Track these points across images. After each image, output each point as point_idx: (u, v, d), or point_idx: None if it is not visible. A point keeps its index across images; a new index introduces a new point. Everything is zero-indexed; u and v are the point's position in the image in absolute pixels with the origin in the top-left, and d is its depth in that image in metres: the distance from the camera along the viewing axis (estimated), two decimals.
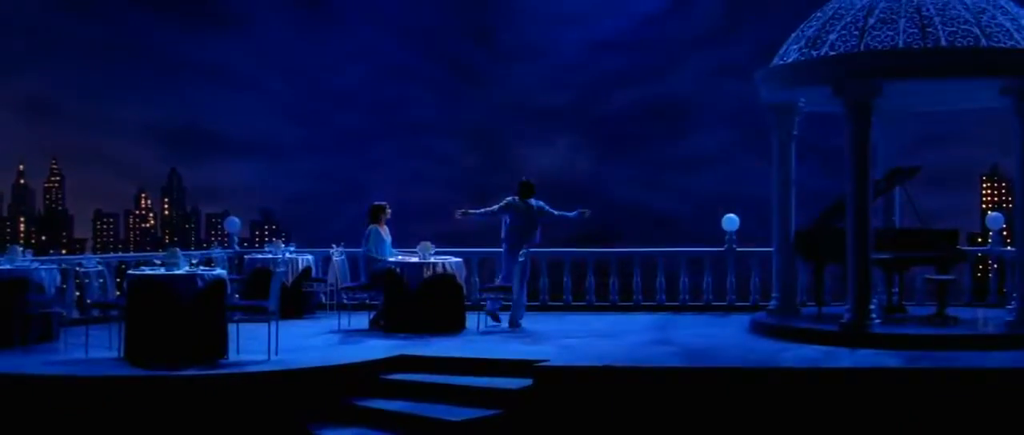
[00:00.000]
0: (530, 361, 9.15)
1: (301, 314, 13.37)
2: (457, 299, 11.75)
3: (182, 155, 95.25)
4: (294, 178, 55.15)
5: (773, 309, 11.92)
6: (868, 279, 10.44)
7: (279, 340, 10.02)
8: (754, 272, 13.98)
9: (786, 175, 11.89)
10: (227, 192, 73.71)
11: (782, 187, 11.90)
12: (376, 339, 11.01)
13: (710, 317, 13.16)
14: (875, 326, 10.30)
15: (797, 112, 11.83)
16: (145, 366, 9.02)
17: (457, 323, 11.66)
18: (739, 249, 13.99)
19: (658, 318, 13.07)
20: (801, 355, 9.52)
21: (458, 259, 12.02)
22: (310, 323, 12.72)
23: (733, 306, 13.89)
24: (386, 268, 11.71)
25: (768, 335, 10.93)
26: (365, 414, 8.74)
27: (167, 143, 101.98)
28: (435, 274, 11.57)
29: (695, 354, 9.73)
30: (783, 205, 11.90)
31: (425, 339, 10.80)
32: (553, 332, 11.62)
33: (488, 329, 11.78)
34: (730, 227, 14.02)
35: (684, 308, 13.94)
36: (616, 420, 8.62)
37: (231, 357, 9.51)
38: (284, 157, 56.54)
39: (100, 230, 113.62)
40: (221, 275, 9.52)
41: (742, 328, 11.68)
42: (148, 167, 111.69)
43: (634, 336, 11.24)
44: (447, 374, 9.35)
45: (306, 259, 13.72)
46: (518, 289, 11.83)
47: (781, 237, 11.93)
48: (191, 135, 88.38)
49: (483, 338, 11.13)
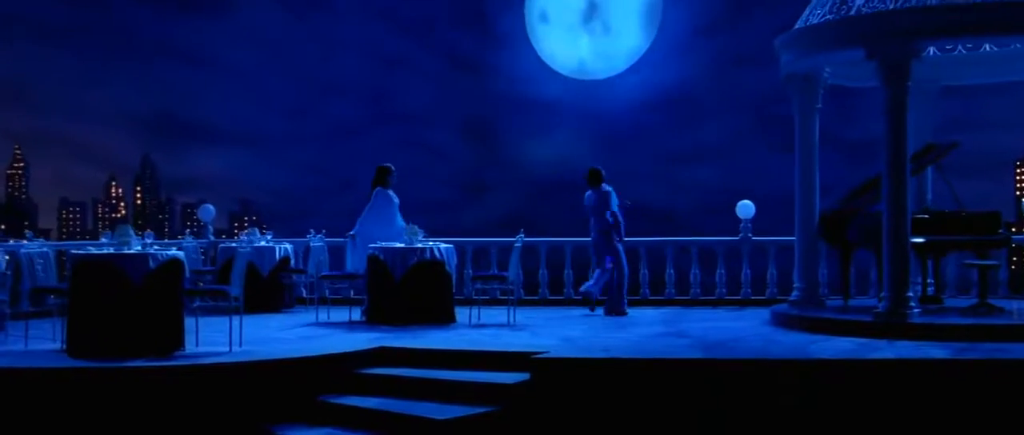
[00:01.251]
0: (527, 353, 8.04)
1: (279, 307, 12.25)
2: (446, 289, 10.63)
3: (158, 143, 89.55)
4: (279, 170, 52.79)
5: (795, 300, 10.80)
6: (907, 264, 9.33)
7: (247, 332, 8.97)
8: (771, 263, 12.88)
9: (808, 151, 10.79)
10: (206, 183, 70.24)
11: (804, 164, 10.79)
12: (356, 332, 9.90)
13: (724, 311, 12.07)
14: (914, 316, 9.20)
15: (821, 83, 10.73)
16: (89, 357, 7.92)
17: (445, 315, 10.53)
18: (755, 238, 12.90)
19: (667, 312, 11.98)
20: (834, 347, 8.40)
21: (449, 245, 10.90)
22: (287, 317, 11.61)
23: (748, 300, 12.80)
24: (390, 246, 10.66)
25: (791, 327, 9.83)
26: (337, 412, 7.63)
27: (141, 130, 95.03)
28: (422, 261, 10.45)
29: (714, 346, 8.61)
30: (806, 184, 10.79)
31: (410, 331, 9.70)
32: (553, 325, 10.52)
33: (481, 322, 10.66)
34: (745, 214, 12.92)
35: (695, 302, 12.84)
36: (624, 418, 7.51)
37: (189, 349, 8.41)
38: (268, 147, 54.06)
39: (66, 219, 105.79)
40: (177, 255, 8.41)
41: (761, 321, 10.60)
42: (120, 154, 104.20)
43: (643, 328, 10.14)
44: (433, 368, 8.25)
45: (284, 248, 12.59)
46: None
47: (804, 220, 10.82)
48: (168, 122, 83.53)
49: (475, 331, 10.01)
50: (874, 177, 10.59)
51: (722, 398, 7.46)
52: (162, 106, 32.94)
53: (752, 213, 12.91)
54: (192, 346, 8.51)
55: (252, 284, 12.00)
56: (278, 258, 12.41)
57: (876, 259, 10.24)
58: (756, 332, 9.64)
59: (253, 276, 12.07)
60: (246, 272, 11.93)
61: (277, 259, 12.40)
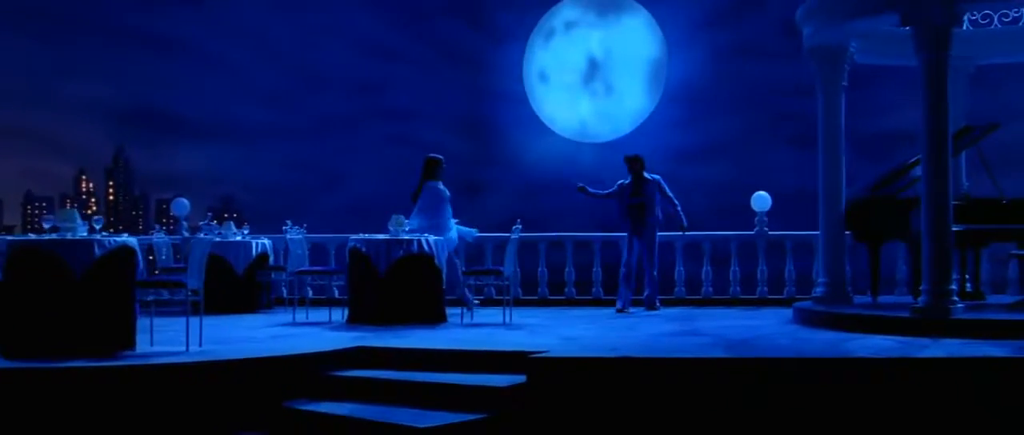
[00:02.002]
0: (523, 353, 7.04)
1: (255, 308, 11.27)
2: (435, 285, 9.63)
3: (132, 136, 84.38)
4: (263, 166, 50.00)
5: (820, 297, 9.81)
6: (949, 253, 8.36)
7: (212, 332, 8.03)
8: (789, 259, 11.90)
9: (834, 133, 9.81)
10: (185, 178, 66.41)
11: (829, 147, 9.82)
12: (333, 332, 8.91)
13: (739, 310, 11.07)
14: (957, 311, 8.21)
15: (847, 58, 9.76)
16: (24, 357, 6.93)
17: (434, 313, 9.53)
18: (772, 233, 11.91)
19: (678, 311, 11.00)
20: (872, 345, 7.41)
21: (439, 238, 9.90)
22: (263, 317, 10.62)
23: (765, 299, 11.82)
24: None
25: (818, 325, 8.83)
26: (304, 419, 6.64)
27: (115, 122, 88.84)
28: (409, 254, 9.46)
29: (737, 345, 7.61)
30: (831, 170, 9.81)
31: (394, 331, 8.71)
32: (553, 323, 9.53)
33: (474, 322, 9.67)
34: (761, 207, 11.94)
35: (707, 301, 11.85)
36: (635, 425, 6.51)
37: (140, 348, 7.43)
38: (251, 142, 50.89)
39: (32, 215, 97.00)
40: (128, 242, 7.42)
41: (783, 319, 9.62)
42: (91, 148, 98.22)
43: (653, 326, 9.16)
44: (416, 370, 7.25)
45: (262, 244, 11.60)
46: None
47: (829, 209, 9.84)
48: (145, 115, 78.67)
49: (466, 330, 9.02)
50: (907, 162, 9.63)
51: (751, 400, 6.46)
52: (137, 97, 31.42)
53: (768, 205, 11.94)
54: (145, 345, 7.54)
55: (225, 282, 11.10)
56: (255, 254, 11.42)
57: (909, 251, 9.28)
58: (780, 330, 8.65)
59: (226, 274, 11.16)
60: (219, 270, 11.23)
61: (253, 255, 11.41)
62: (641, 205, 10.86)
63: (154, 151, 53.02)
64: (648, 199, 10.87)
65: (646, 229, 10.90)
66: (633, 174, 10.98)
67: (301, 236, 10.45)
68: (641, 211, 10.87)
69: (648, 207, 10.86)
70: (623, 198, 10.99)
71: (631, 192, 10.92)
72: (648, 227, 10.90)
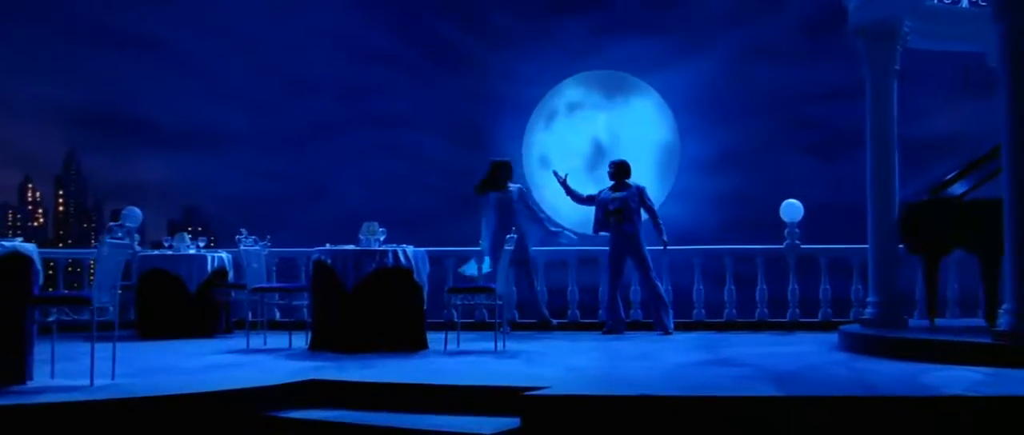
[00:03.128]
0: (517, 389, 5.51)
1: (212, 331, 9.76)
2: (413, 304, 8.10)
3: (89, 141, 76.23)
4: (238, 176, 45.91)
5: (870, 319, 8.29)
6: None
7: (143, 360, 6.60)
8: (824, 277, 10.37)
9: (884, 126, 8.33)
10: (147, 188, 59.93)
11: (879, 143, 8.34)
12: (288, 360, 7.37)
13: (770, 336, 9.55)
14: None
15: (900, 37, 8.32)
16: None
17: (411, 338, 8.00)
18: (805, 246, 10.40)
19: (697, 336, 9.47)
20: (955, 378, 5.88)
21: (420, 250, 8.38)
22: (216, 342, 9.10)
23: (797, 323, 10.28)
24: None
25: (874, 353, 7.32)
26: None
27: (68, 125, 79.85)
28: (382, 267, 7.95)
29: (786, 378, 6.06)
30: (882, 169, 8.33)
31: (361, 359, 7.19)
32: (554, 351, 8.01)
33: (459, 349, 8.14)
34: (791, 217, 10.42)
35: (730, 325, 10.32)
36: None
37: (37, 381, 5.92)
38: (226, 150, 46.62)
39: None
40: (22, 249, 5.91)
41: (828, 346, 8.11)
42: (40, 153, 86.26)
43: (674, 354, 7.63)
44: (381, 409, 5.73)
45: (219, 258, 10.09)
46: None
47: (880, 216, 8.34)
48: (103, 118, 71.18)
49: (449, 359, 7.48)
50: (978, 158, 8.14)
51: None
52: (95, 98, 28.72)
53: (800, 215, 10.42)
54: (45, 378, 6.03)
55: (176, 302, 9.65)
56: (210, 269, 9.91)
57: (983, 264, 7.77)
58: (830, 359, 7.13)
59: (177, 292, 9.69)
60: (168, 288, 9.73)
61: (209, 271, 9.90)
62: (619, 211, 9.69)
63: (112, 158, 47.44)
64: (631, 203, 9.73)
65: (631, 240, 9.70)
66: (616, 180, 9.89)
67: (258, 248, 8.91)
68: (620, 217, 9.69)
69: (630, 212, 9.70)
70: (602, 204, 9.85)
71: (611, 196, 9.79)
72: (633, 237, 9.70)
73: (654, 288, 9.75)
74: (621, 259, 9.79)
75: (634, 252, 9.72)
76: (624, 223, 9.68)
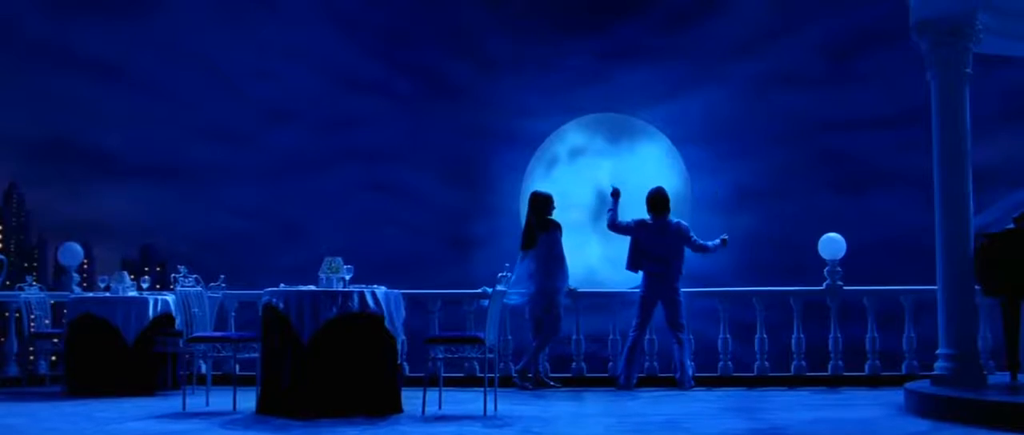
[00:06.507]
0: None
1: (152, 388, 8.26)
2: (386, 358, 6.60)
3: (33, 172, 70.57)
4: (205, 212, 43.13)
5: (943, 375, 6.79)
6: None
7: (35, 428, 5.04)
8: (871, 324, 8.88)
9: (956, 141, 6.88)
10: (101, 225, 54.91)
11: (949, 160, 6.88)
12: (223, 430, 5.87)
13: (813, 394, 8.07)
14: None
15: (972, 36, 6.90)
16: None
17: (382, 401, 6.47)
18: (848, 288, 8.92)
19: (727, 394, 7.99)
20: None
21: (394, 291, 6.89)
22: (150, 402, 7.60)
23: (841, 378, 8.79)
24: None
25: (956, 419, 5.85)
26: None
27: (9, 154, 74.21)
28: (347, 312, 6.46)
29: None
30: (953, 195, 6.87)
31: (317, 428, 5.69)
32: (555, 416, 6.51)
33: (441, 414, 6.63)
34: (832, 254, 8.96)
35: (763, 381, 8.82)
36: None
37: None
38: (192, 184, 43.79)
39: None
40: None
41: (890, 406, 6.66)
42: None
43: (711, 425, 6.11)
44: None
45: (164, 301, 8.60)
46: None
47: (951, 250, 6.87)
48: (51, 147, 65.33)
49: (428, 427, 5.97)
50: None
51: None
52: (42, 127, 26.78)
53: (842, 251, 8.96)
54: None
55: (109, 354, 8.24)
56: (152, 315, 8.43)
57: None
58: (903, 426, 5.67)
59: (110, 342, 8.25)
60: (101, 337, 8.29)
61: (151, 317, 8.42)
62: (666, 258, 8.60)
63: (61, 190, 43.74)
64: (674, 249, 8.65)
65: (670, 286, 8.59)
66: (657, 216, 8.74)
67: (199, 289, 7.42)
68: (666, 264, 8.59)
69: (674, 260, 8.62)
70: (641, 242, 8.72)
71: (654, 238, 8.66)
72: (673, 283, 8.60)
73: (682, 330, 8.43)
74: (654, 303, 8.51)
75: (669, 294, 8.42)
76: (672, 270, 8.59)
